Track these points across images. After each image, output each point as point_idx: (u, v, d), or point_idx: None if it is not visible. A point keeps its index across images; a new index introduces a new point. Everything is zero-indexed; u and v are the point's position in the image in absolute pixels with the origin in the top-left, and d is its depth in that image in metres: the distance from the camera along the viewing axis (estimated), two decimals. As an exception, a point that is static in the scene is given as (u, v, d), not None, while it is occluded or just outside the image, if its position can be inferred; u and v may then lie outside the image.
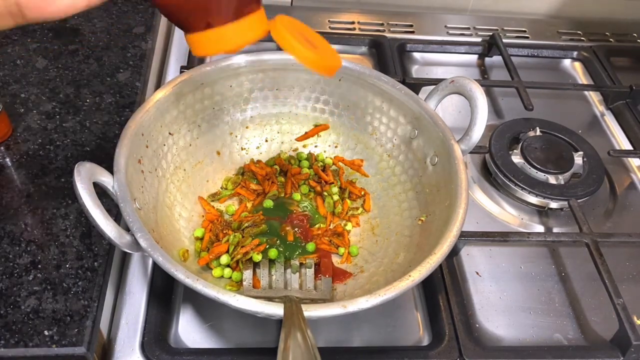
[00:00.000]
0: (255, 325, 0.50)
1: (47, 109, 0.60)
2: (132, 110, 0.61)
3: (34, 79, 0.63)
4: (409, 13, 0.88)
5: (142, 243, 0.41)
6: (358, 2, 0.90)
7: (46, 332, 0.43)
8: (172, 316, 0.50)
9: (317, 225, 0.57)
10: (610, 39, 0.89)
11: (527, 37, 0.87)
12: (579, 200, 0.62)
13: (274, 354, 0.47)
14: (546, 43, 0.86)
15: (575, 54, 0.85)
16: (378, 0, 0.90)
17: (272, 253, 0.52)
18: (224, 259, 0.51)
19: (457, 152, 0.51)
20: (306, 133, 0.63)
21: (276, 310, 0.39)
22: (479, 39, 0.84)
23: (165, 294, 0.51)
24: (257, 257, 0.52)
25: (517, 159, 0.66)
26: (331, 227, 0.57)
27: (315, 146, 0.63)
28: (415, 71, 0.80)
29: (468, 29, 0.87)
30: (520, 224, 0.63)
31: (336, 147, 0.63)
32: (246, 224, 0.54)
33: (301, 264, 0.52)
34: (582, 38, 0.88)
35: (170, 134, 0.55)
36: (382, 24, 0.85)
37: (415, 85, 0.71)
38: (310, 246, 0.54)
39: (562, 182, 0.64)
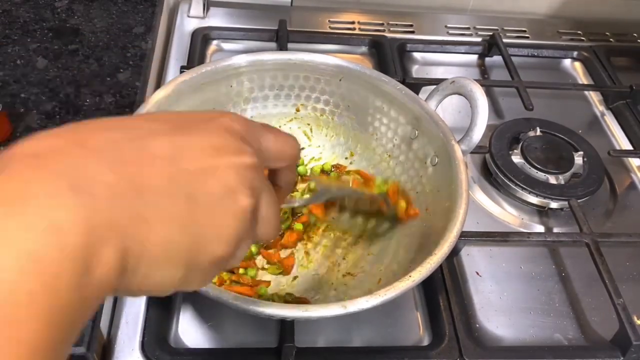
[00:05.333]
0: (255, 325, 0.50)
1: (47, 109, 0.60)
2: (132, 110, 0.61)
3: (34, 79, 0.63)
4: (409, 13, 0.88)
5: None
6: (358, 2, 0.90)
7: (46, 332, 0.43)
8: (172, 316, 0.50)
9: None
10: (610, 39, 0.89)
11: (527, 37, 0.87)
12: (579, 200, 0.62)
13: (274, 354, 0.47)
14: (546, 43, 0.86)
15: (575, 54, 0.85)
16: (378, 0, 0.90)
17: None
18: None
19: (457, 152, 0.51)
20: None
21: (276, 310, 0.39)
22: (479, 39, 0.84)
23: (166, 294, 0.51)
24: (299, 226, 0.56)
25: (517, 159, 0.66)
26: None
27: (318, 146, 0.63)
28: (416, 71, 0.80)
29: (468, 29, 0.87)
30: (520, 224, 0.63)
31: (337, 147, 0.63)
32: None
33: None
34: (582, 38, 0.88)
35: (170, 134, 0.55)
36: (382, 24, 0.85)
37: (416, 86, 0.71)
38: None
39: (562, 182, 0.64)
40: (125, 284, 0.23)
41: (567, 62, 0.85)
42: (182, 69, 0.70)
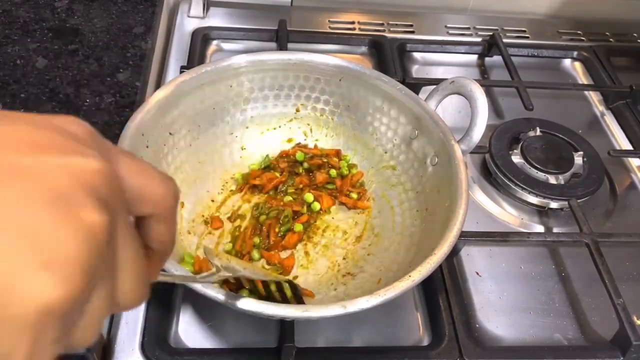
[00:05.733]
0: (255, 325, 0.50)
1: (47, 109, 0.60)
2: (132, 110, 0.61)
3: (34, 79, 0.63)
4: (409, 13, 0.88)
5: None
6: (358, 2, 0.90)
7: (46, 332, 0.43)
8: (172, 316, 0.50)
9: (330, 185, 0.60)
10: (610, 39, 0.89)
11: (527, 37, 0.87)
12: (579, 200, 0.62)
13: (274, 354, 0.47)
14: (546, 43, 0.86)
15: (575, 54, 0.85)
16: (378, 0, 0.90)
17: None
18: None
19: (457, 152, 0.51)
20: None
21: (277, 310, 0.39)
22: (479, 39, 0.84)
23: (165, 294, 0.51)
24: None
25: (517, 159, 0.66)
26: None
27: (315, 146, 0.63)
28: (415, 71, 0.80)
29: (468, 29, 0.87)
30: (520, 224, 0.63)
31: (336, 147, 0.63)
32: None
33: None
34: (582, 38, 0.88)
35: (170, 134, 0.55)
36: (382, 24, 0.85)
37: (416, 85, 0.71)
38: (308, 197, 0.58)
39: (562, 182, 0.64)
40: None
41: (567, 62, 0.85)
42: (182, 69, 0.70)
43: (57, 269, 0.16)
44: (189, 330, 0.49)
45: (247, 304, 0.39)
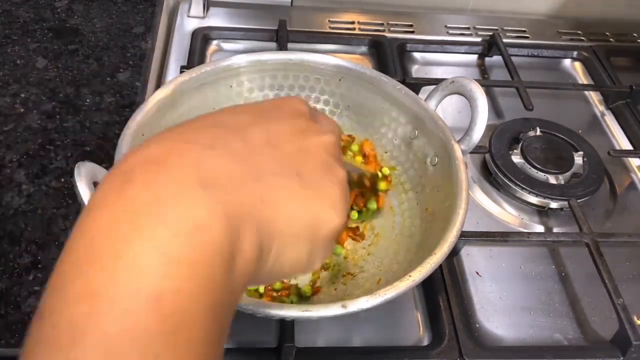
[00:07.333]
0: (255, 325, 0.50)
1: (47, 109, 0.60)
2: (132, 110, 0.61)
3: (34, 79, 0.63)
4: (409, 13, 0.88)
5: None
6: (358, 2, 0.90)
7: (46, 332, 0.43)
8: (172, 316, 0.50)
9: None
10: (610, 39, 0.89)
11: (527, 37, 0.87)
12: (579, 200, 0.62)
13: (274, 354, 0.47)
14: (546, 43, 0.86)
15: (575, 54, 0.85)
16: (378, 0, 0.90)
17: None
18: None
19: (457, 152, 0.51)
20: None
21: (277, 310, 0.39)
22: (479, 39, 0.84)
23: (166, 294, 0.51)
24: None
25: (517, 159, 0.66)
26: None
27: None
28: (415, 71, 0.80)
29: (468, 29, 0.87)
30: (520, 224, 0.63)
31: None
32: None
33: None
34: (582, 38, 0.88)
35: (170, 134, 0.55)
36: (382, 24, 0.85)
37: (415, 85, 0.71)
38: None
39: (562, 182, 0.64)
40: (261, 267, 0.25)
41: (567, 62, 0.85)
42: (182, 69, 0.70)
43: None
44: (189, 330, 0.49)
45: (247, 303, 0.39)
